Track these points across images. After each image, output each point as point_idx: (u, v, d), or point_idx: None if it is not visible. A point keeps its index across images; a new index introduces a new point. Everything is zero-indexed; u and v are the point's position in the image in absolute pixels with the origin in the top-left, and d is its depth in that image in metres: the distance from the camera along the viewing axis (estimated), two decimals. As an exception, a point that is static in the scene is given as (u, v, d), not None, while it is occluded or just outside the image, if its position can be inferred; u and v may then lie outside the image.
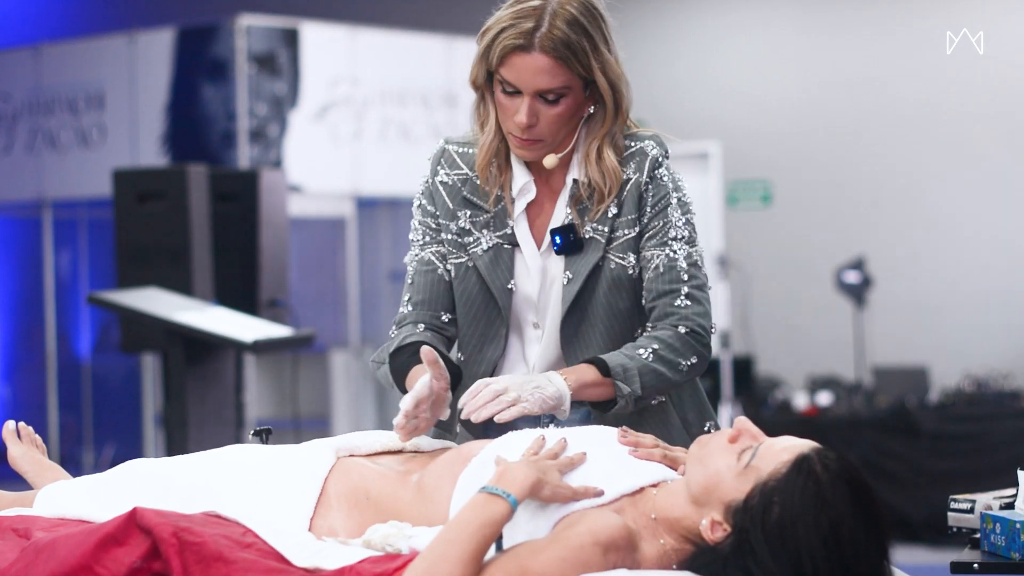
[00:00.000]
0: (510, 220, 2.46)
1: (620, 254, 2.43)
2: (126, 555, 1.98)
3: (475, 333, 2.49)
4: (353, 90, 8.36)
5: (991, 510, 2.42)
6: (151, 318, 4.74)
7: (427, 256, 2.50)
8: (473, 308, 2.48)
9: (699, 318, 2.41)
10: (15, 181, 8.74)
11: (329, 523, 2.15)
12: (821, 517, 1.89)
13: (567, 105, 2.37)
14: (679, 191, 2.47)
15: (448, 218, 2.48)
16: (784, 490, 1.92)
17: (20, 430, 2.57)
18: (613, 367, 2.33)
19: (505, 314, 2.46)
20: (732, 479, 1.97)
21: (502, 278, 2.45)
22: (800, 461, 1.94)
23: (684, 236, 2.44)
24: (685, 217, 2.45)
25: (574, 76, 2.35)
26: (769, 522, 1.91)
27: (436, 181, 2.50)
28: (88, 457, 8.78)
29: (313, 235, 8.79)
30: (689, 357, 2.39)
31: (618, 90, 2.40)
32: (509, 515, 1.94)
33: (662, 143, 2.48)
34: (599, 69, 2.36)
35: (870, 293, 8.23)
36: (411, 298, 2.50)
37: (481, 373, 2.47)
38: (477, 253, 2.46)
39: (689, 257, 2.43)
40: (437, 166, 2.51)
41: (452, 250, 2.49)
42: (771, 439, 2.02)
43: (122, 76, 8.29)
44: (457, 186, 2.49)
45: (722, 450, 2.01)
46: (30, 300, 9.19)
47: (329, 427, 8.22)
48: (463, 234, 2.48)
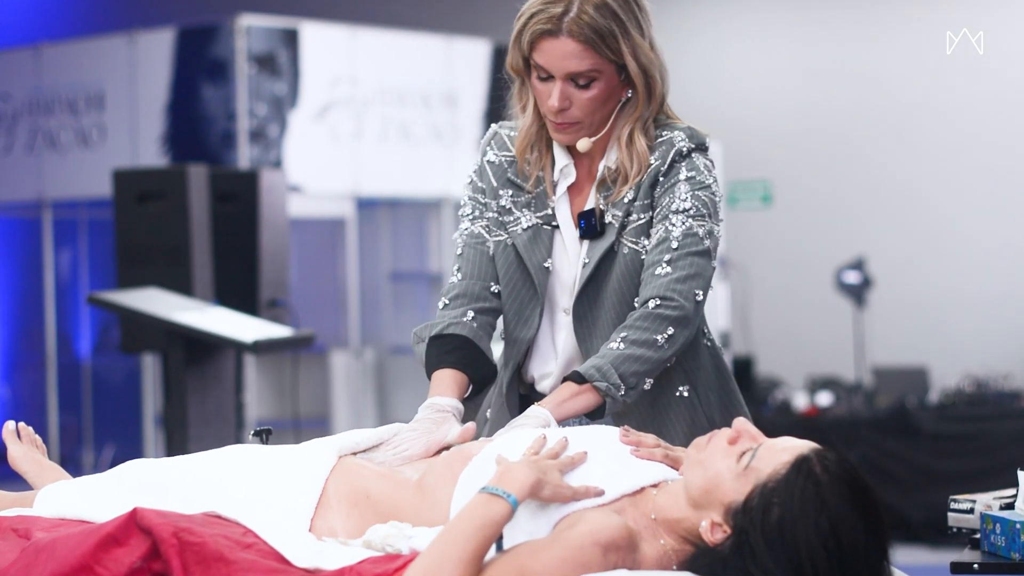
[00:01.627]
0: (550, 201, 2.49)
1: (633, 239, 2.43)
2: (126, 555, 1.98)
3: (512, 312, 2.52)
4: (353, 90, 8.36)
5: (991, 510, 2.42)
6: (151, 318, 4.74)
7: (476, 230, 2.56)
8: (510, 286, 2.51)
9: (673, 283, 2.36)
10: (15, 181, 8.74)
11: (329, 523, 2.15)
12: (821, 518, 1.89)
13: (599, 89, 2.39)
14: (697, 172, 2.43)
15: (491, 196, 2.54)
16: (784, 491, 1.92)
17: (20, 430, 2.57)
18: (586, 371, 2.33)
19: (540, 292, 2.48)
20: (732, 480, 1.97)
21: (539, 256, 2.48)
22: (800, 462, 1.94)
23: (686, 208, 2.40)
24: (693, 192, 2.41)
25: (604, 60, 2.37)
26: (769, 523, 1.91)
27: (485, 161, 2.57)
28: (88, 457, 8.77)
29: (313, 235, 8.79)
30: (664, 329, 2.35)
31: (650, 75, 2.41)
32: (509, 515, 1.94)
33: (695, 136, 2.46)
34: (630, 54, 2.38)
35: (870, 293, 8.23)
36: (460, 269, 2.56)
37: (515, 354, 2.51)
38: (516, 232, 2.50)
39: (689, 229, 2.40)
40: (487, 147, 2.58)
41: (494, 228, 2.53)
42: (770, 440, 2.02)
43: (122, 76, 8.29)
44: (503, 166, 2.54)
45: (721, 452, 2.01)
46: (30, 300, 9.18)
47: (329, 427, 8.22)
48: (504, 212, 2.53)
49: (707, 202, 2.42)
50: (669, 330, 2.35)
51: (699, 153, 2.45)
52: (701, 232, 2.40)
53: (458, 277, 2.55)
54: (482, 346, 2.48)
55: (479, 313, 2.51)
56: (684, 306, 2.35)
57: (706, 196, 2.42)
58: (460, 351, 2.46)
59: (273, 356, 7.99)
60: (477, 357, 2.46)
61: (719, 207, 2.45)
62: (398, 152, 8.56)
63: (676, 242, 2.38)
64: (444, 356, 2.45)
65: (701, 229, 2.40)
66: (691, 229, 2.39)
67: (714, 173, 2.46)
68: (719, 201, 2.46)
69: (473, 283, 2.53)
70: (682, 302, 2.35)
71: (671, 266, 2.37)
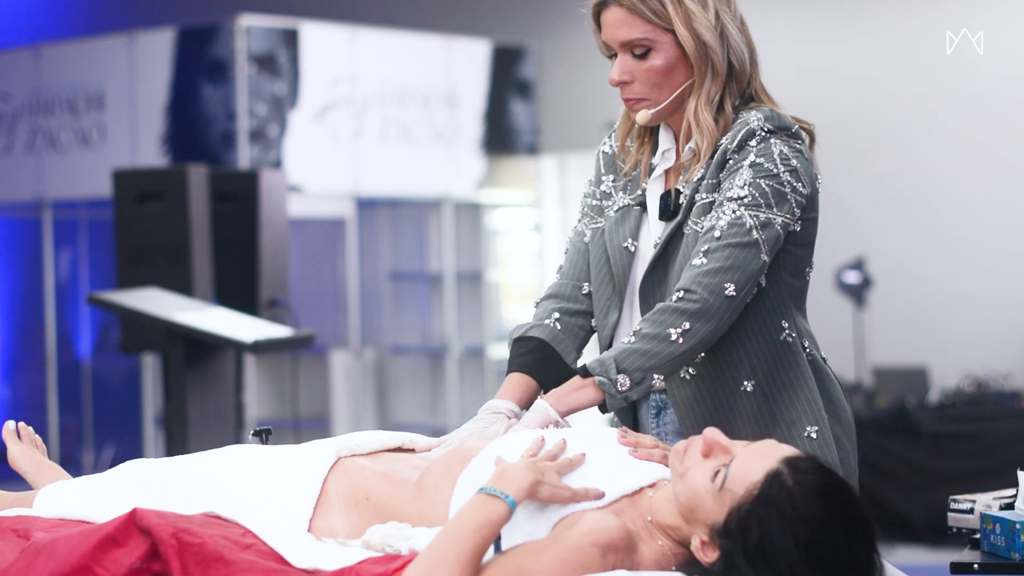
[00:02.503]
0: (643, 183, 2.47)
1: (695, 219, 2.36)
2: (126, 556, 1.98)
3: (600, 297, 2.49)
4: (353, 90, 8.36)
5: (991, 510, 2.42)
6: (151, 318, 4.74)
7: (580, 227, 2.56)
8: (596, 269, 2.50)
9: (701, 276, 2.27)
10: (15, 181, 8.74)
11: (329, 523, 2.15)
12: (799, 534, 1.87)
13: (659, 60, 2.36)
14: (766, 159, 2.32)
15: (596, 184, 2.54)
16: (758, 513, 1.90)
17: (20, 430, 2.57)
18: (590, 365, 2.31)
19: (617, 274, 2.44)
20: (710, 501, 1.96)
21: (621, 236, 2.45)
22: (770, 480, 1.91)
23: (741, 196, 2.30)
24: (755, 180, 2.30)
25: (655, 28, 2.35)
26: (749, 545, 1.89)
27: (600, 151, 2.57)
28: (88, 457, 8.77)
29: (313, 235, 8.79)
30: (680, 323, 2.26)
31: (708, 45, 2.35)
32: (507, 516, 1.94)
33: (775, 118, 2.35)
34: (681, 21, 2.34)
35: (870, 293, 8.23)
36: (561, 267, 2.57)
37: (604, 338, 2.47)
38: (610, 215, 2.49)
39: (738, 218, 2.29)
40: (606, 138, 2.58)
41: (593, 216, 2.53)
42: (744, 451, 1.99)
43: (122, 76, 8.29)
44: (613, 155, 2.54)
45: (698, 467, 1.99)
46: (30, 300, 9.19)
47: (329, 427, 8.22)
48: (604, 197, 2.52)
49: (769, 191, 2.30)
50: (685, 324, 2.26)
51: (779, 137, 2.34)
52: (751, 223, 2.28)
53: (557, 277, 2.56)
54: (561, 349, 2.44)
55: (566, 314, 2.49)
56: (706, 299, 2.26)
57: (769, 185, 2.30)
58: (534, 354, 2.43)
59: (273, 356, 8.00)
60: (551, 360, 2.43)
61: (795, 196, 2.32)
62: (398, 152, 8.56)
63: (719, 231, 2.29)
64: (517, 358, 2.43)
65: (753, 219, 2.28)
66: (740, 219, 2.28)
67: (793, 162, 2.32)
68: (802, 189, 2.33)
69: (566, 283, 2.53)
70: (704, 295, 2.26)
71: (707, 257, 2.28)
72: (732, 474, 1.95)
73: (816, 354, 2.44)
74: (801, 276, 2.42)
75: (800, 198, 2.34)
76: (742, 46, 2.40)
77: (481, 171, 9.05)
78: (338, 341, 8.55)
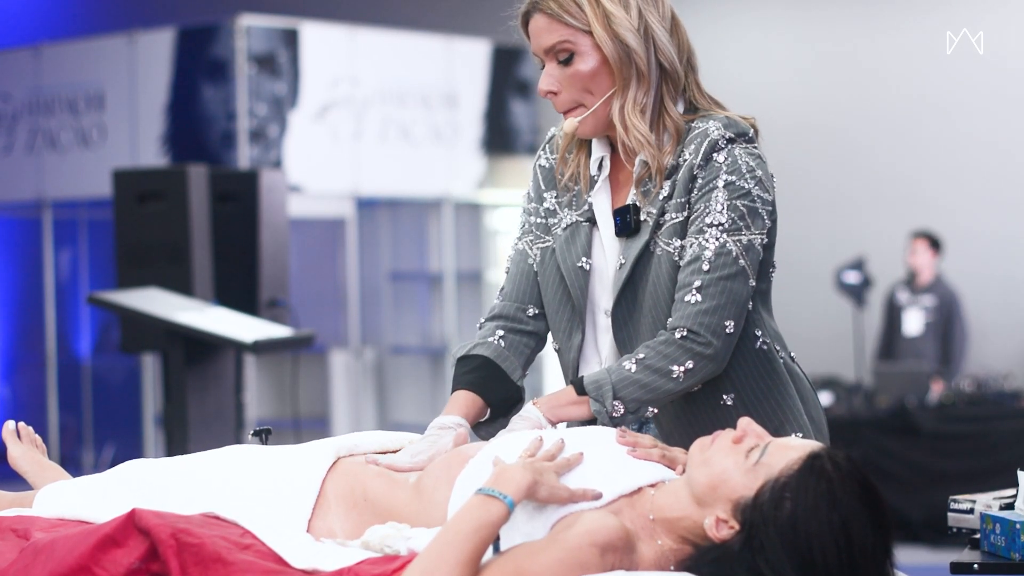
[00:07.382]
0: (587, 197, 2.40)
1: (666, 239, 2.31)
2: (125, 556, 1.98)
3: (559, 319, 2.43)
4: (353, 90, 8.36)
5: (991, 510, 2.42)
6: (151, 318, 4.74)
7: (521, 246, 2.49)
8: (551, 291, 2.43)
9: (702, 316, 2.24)
10: (15, 181, 8.74)
11: (327, 524, 2.15)
12: (833, 514, 1.90)
13: (583, 65, 2.30)
14: (737, 175, 2.28)
15: (538, 201, 2.47)
16: (796, 486, 1.92)
17: (20, 430, 2.57)
18: (587, 384, 2.27)
19: (575, 295, 2.39)
20: (740, 476, 1.97)
21: (574, 256, 2.39)
22: (812, 458, 1.95)
23: (721, 223, 2.25)
24: (731, 202, 2.26)
25: (575, 31, 2.30)
26: (781, 517, 1.91)
27: (536, 165, 2.50)
28: (88, 457, 8.78)
29: (313, 235, 8.79)
30: (683, 362, 2.24)
31: (629, 46, 2.29)
32: (506, 517, 1.94)
33: (733, 125, 2.31)
34: (599, 22, 2.28)
35: (870, 293, 8.23)
36: (503, 289, 2.49)
37: (570, 360, 2.42)
38: (557, 233, 2.42)
39: (722, 247, 2.25)
40: (541, 151, 2.51)
41: (540, 234, 2.45)
42: (778, 439, 2.03)
43: (122, 76, 8.29)
44: (551, 169, 2.47)
45: (727, 450, 2.01)
46: (30, 300, 9.19)
47: (329, 427, 8.22)
48: (549, 215, 2.45)
49: (745, 211, 2.27)
50: (689, 363, 2.25)
51: (740, 144, 2.30)
52: (735, 250, 2.26)
53: (499, 298, 2.49)
54: (507, 366, 2.40)
55: (510, 332, 2.44)
56: (712, 343, 2.24)
57: (744, 204, 2.27)
58: (479, 372, 2.39)
59: (273, 356, 7.99)
60: (496, 378, 2.38)
61: (765, 208, 2.30)
62: (398, 152, 8.56)
63: (708, 263, 2.25)
64: (462, 376, 2.38)
65: (736, 246, 2.26)
66: (724, 247, 2.25)
67: (757, 172, 2.30)
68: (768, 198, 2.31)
69: (509, 304, 2.46)
70: (709, 338, 2.24)
71: (701, 294, 2.25)
72: (770, 451, 1.98)
73: (786, 355, 2.43)
74: (766, 278, 2.40)
75: (769, 208, 2.33)
76: (670, 48, 2.34)
77: (481, 171, 9.05)
78: (338, 341, 8.55)
